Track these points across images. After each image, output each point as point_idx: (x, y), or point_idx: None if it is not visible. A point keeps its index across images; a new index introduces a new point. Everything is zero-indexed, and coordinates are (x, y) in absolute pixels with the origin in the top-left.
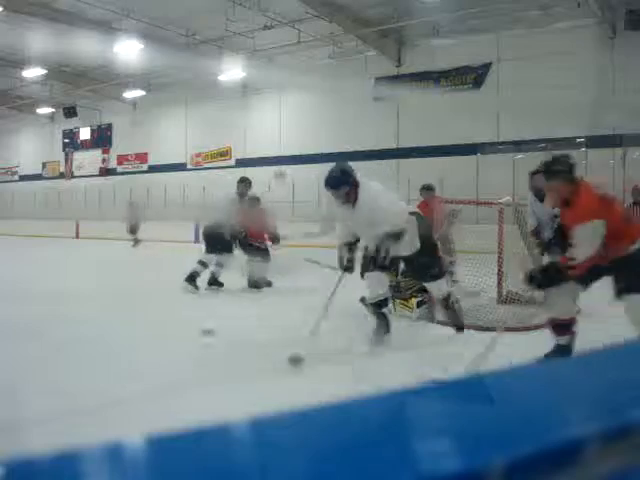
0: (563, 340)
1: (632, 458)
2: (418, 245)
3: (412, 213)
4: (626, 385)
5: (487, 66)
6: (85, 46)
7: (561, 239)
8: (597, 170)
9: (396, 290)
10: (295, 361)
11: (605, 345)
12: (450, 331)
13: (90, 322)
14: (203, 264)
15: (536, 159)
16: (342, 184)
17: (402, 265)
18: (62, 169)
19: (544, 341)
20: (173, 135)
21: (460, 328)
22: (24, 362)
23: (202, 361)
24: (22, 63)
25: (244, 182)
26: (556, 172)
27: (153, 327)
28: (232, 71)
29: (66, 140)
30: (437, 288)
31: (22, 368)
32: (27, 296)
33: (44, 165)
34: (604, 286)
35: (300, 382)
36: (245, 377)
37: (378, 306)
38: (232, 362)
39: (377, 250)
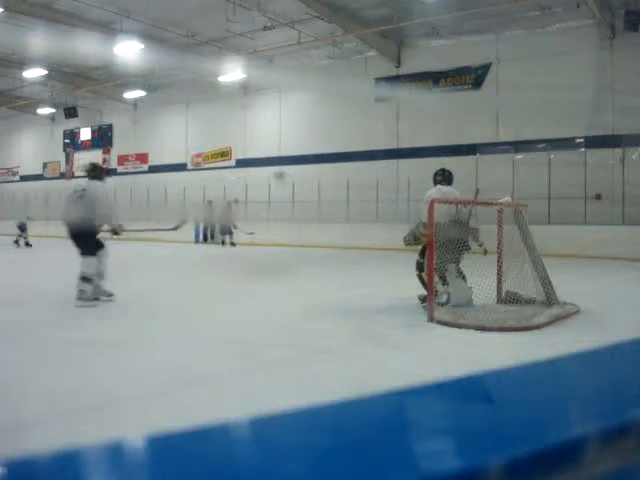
0: None
1: (632, 458)
2: None
3: None
4: (625, 384)
5: (487, 66)
6: (86, 47)
7: None
8: (596, 170)
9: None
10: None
11: (604, 345)
12: (450, 331)
13: (90, 322)
14: None
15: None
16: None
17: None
18: (63, 169)
19: (544, 341)
20: (173, 135)
21: None
22: (24, 363)
23: (201, 361)
24: (23, 63)
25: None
26: None
27: (152, 327)
28: (232, 72)
29: (67, 140)
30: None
31: (22, 368)
32: (28, 297)
33: (45, 165)
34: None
35: (300, 382)
36: (244, 377)
37: None
38: (231, 362)
39: None
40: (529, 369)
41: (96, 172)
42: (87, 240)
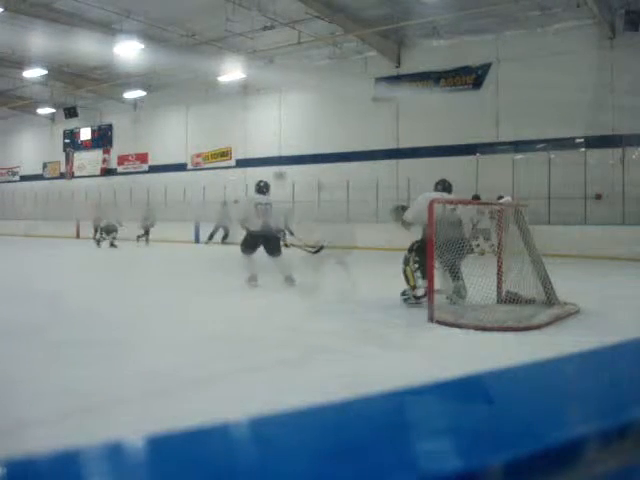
0: None
1: (632, 458)
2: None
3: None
4: (625, 384)
5: (487, 66)
6: (86, 46)
7: None
8: (596, 170)
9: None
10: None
11: (604, 345)
12: (450, 331)
13: (90, 322)
14: None
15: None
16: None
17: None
18: (63, 169)
19: (544, 341)
20: (173, 135)
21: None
22: (25, 362)
23: (202, 361)
24: (23, 63)
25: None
26: None
27: (154, 327)
28: (232, 72)
29: (67, 140)
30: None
31: (22, 368)
32: (28, 296)
33: (45, 165)
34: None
35: (300, 382)
36: (245, 377)
37: None
38: (232, 362)
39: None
40: (529, 369)
41: (269, 189)
42: (278, 243)
